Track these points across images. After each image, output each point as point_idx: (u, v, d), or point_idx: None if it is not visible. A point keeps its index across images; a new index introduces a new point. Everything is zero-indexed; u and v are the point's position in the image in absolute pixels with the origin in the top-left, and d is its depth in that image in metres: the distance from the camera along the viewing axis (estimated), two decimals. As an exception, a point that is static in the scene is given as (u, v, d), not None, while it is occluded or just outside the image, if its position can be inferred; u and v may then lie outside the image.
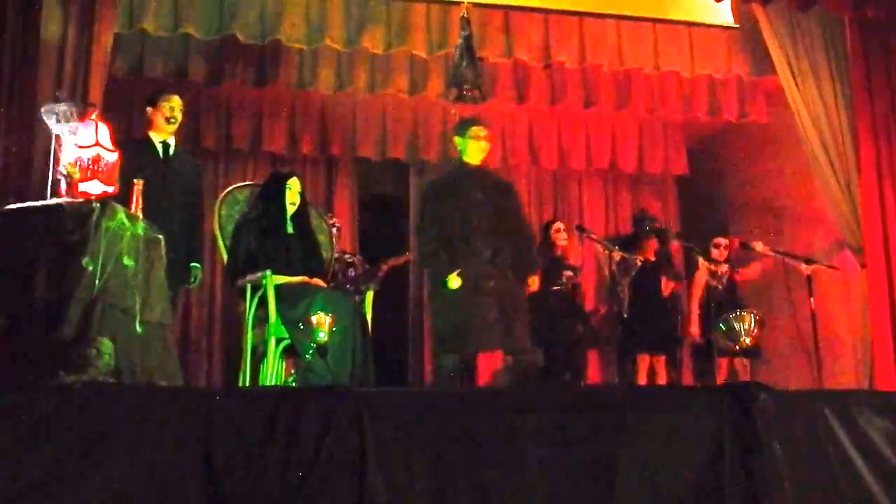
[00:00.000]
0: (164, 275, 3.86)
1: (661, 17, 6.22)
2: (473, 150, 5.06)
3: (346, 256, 6.28)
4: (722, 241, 6.54)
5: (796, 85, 5.80)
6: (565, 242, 6.65)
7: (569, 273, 6.45)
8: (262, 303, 4.32)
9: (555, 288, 6.35)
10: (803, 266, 5.69)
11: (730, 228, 7.01)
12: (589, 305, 7.30)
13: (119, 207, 3.52)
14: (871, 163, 5.53)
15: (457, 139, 5.17)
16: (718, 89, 6.73)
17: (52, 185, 3.78)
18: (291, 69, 6.18)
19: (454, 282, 4.77)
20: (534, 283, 5.19)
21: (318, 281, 4.57)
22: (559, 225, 6.73)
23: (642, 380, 6.23)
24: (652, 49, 6.23)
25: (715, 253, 6.46)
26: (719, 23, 6.33)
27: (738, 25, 6.31)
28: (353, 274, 5.99)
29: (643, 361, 6.30)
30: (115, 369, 3.24)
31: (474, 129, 5.08)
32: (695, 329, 6.41)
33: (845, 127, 5.69)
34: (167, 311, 3.95)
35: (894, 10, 5.44)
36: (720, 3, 5.72)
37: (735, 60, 6.39)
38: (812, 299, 5.44)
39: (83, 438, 2.75)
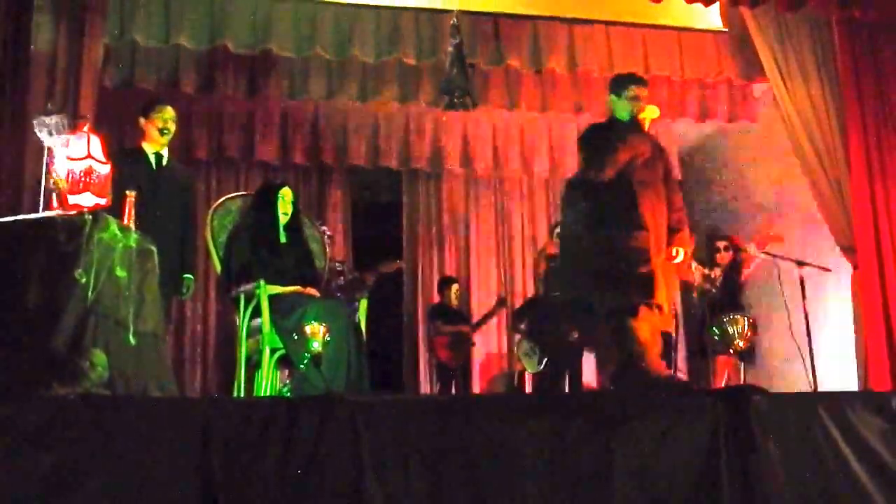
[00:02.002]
0: (158, 285, 3.85)
1: (651, 22, 6.25)
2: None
3: (336, 265, 6.29)
4: (721, 244, 6.51)
5: (785, 86, 5.82)
6: None
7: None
8: (256, 313, 4.32)
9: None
10: (796, 268, 5.71)
11: (722, 231, 7.02)
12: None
13: (111, 219, 3.52)
14: (861, 163, 5.55)
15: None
16: (708, 93, 6.76)
17: (44, 198, 3.77)
18: (282, 79, 6.19)
19: None
20: None
21: (311, 290, 4.57)
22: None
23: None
24: (642, 54, 6.25)
25: (718, 256, 6.42)
26: (708, 27, 6.36)
27: (727, 29, 6.34)
28: (342, 282, 5.98)
29: None
30: (109, 381, 3.23)
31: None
32: None
33: (835, 128, 5.72)
34: (161, 321, 3.94)
35: (881, 11, 5.47)
36: (709, 7, 5.74)
37: (724, 64, 6.42)
38: (805, 300, 5.45)
39: (77, 450, 2.74)
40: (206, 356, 7.12)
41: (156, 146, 4.87)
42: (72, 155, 3.61)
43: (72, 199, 3.54)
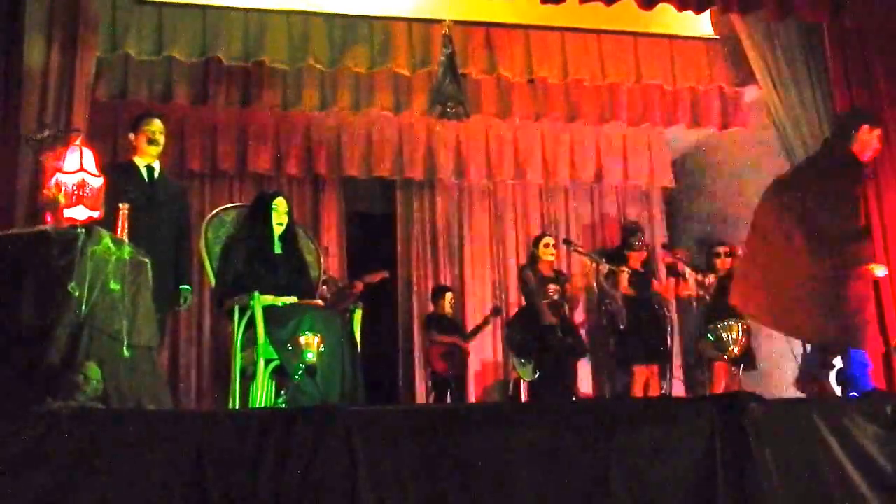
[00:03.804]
0: (151, 298, 3.85)
1: (642, 30, 6.27)
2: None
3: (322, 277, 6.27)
4: (722, 249, 6.47)
5: (777, 93, 5.83)
6: (552, 257, 6.67)
7: (555, 287, 6.45)
8: (251, 324, 4.31)
9: (544, 301, 6.38)
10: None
11: (716, 238, 7.03)
12: (582, 317, 7.35)
13: (104, 232, 3.52)
14: (852, 169, 5.55)
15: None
16: (701, 100, 6.78)
17: (37, 212, 3.77)
18: (275, 90, 6.19)
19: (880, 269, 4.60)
20: None
21: (306, 301, 4.57)
22: (549, 240, 6.76)
23: (639, 391, 6.23)
24: (633, 62, 6.28)
25: (718, 262, 6.38)
26: (699, 35, 6.38)
27: (717, 37, 6.36)
28: (326, 293, 5.95)
29: (640, 373, 6.30)
30: (103, 394, 3.23)
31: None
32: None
33: (826, 133, 5.72)
34: (155, 334, 3.94)
35: (871, 18, 5.48)
36: (700, 14, 5.76)
37: (716, 71, 6.45)
38: (798, 306, 5.45)
39: (72, 464, 2.73)
40: (200, 368, 7.09)
41: (147, 158, 4.86)
42: (64, 168, 3.61)
43: (65, 213, 3.54)
